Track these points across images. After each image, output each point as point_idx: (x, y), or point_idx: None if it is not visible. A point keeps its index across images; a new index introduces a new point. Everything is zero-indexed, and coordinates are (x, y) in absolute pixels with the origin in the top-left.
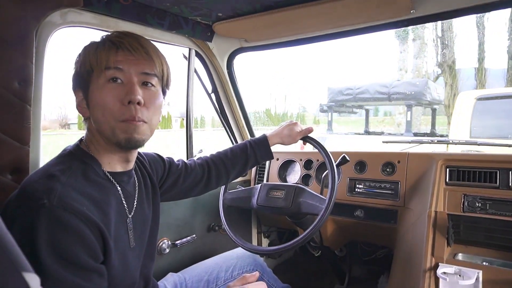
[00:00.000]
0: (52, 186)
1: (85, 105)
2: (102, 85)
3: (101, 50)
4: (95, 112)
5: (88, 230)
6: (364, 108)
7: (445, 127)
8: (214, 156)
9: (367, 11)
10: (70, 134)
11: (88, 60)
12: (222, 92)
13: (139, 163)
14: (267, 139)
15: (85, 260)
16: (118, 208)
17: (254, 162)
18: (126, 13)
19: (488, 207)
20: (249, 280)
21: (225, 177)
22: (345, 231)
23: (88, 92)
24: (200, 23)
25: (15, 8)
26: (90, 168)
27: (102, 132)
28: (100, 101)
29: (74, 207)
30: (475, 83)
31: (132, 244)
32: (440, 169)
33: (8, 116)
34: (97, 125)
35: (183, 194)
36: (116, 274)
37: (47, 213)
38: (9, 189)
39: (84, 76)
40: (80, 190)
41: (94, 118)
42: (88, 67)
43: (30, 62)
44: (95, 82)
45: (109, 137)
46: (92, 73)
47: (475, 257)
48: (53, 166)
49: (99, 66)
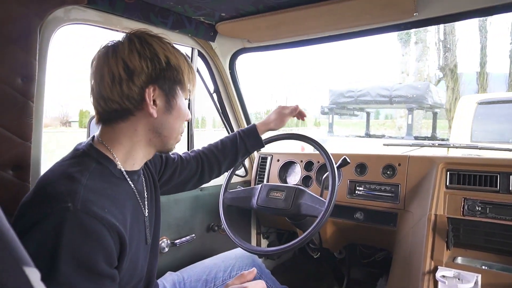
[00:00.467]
0: (74, 188)
1: (156, 105)
2: (185, 101)
3: (193, 73)
4: (172, 119)
5: (109, 235)
6: (365, 111)
7: (446, 131)
8: (205, 148)
9: (370, 13)
10: (71, 131)
11: (186, 74)
12: (224, 92)
13: None
14: (256, 128)
15: (101, 266)
16: (134, 207)
17: (245, 152)
18: (130, 11)
19: (488, 211)
20: (247, 277)
21: (217, 169)
22: (344, 233)
23: (173, 99)
24: (203, 22)
25: (19, 5)
26: (105, 169)
27: (169, 138)
28: (183, 114)
29: (97, 212)
30: (477, 87)
31: (149, 241)
32: (440, 172)
33: (10, 112)
34: (167, 131)
35: (178, 188)
36: (126, 273)
37: (71, 217)
38: (10, 185)
39: (171, 81)
40: (100, 192)
41: (172, 126)
42: (184, 80)
43: (33, 59)
44: (180, 94)
45: (168, 144)
46: (182, 87)
47: (475, 261)
48: (69, 167)
49: (190, 84)
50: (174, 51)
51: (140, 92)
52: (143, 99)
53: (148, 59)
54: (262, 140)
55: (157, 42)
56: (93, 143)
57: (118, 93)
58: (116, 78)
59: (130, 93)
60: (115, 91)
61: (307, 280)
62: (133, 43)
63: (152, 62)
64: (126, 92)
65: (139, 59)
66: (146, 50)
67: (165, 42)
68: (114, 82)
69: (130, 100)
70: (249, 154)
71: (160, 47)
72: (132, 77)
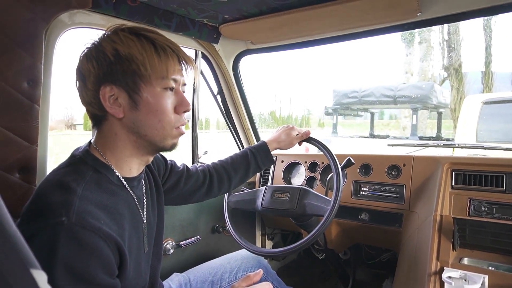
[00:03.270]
0: (69, 200)
1: (118, 105)
2: (160, 92)
3: (164, 57)
4: (146, 116)
5: (107, 246)
6: (369, 111)
7: (451, 131)
8: (214, 163)
9: (374, 13)
10: (76, 134)
11: (146, 62)
12: (228, 94)
13: None
14: (266, 145)
15: (100, 277)
16: (132, 215)
17: (256, 168)
18: (134, 14)
19: (495, 211)
20: (254, 279)
21: (227, 182)
22: (349, 234)
23: (138, 93)
24: (207, 25)
25: (25, 10)
26: (102, 176)
27: (150, 137)
28: (159, 107)
29: (92, 224)
30: (482, 86)
31: (146, 248)
32: (446, 172)
33: (17, 116)
34: (144, 130)
35: (184, 199)
36: (130, 282)
37: (65, 231)
38: (17, 187)
39: (136, 76)
40: (96, 202)
41: (145, 123)
42: (147, 70)
43: (39, 62)
44: (149, 87)
45: (156, 142)
46: (149, 77)
47: (481, 262)
48: (65, 175)
49: (160, 73)
50: (128, 40)
51: (95, 95)
52: (101, 101)
53: (94, 59)
54: (273, 157)
55: (109, 37)
56: (89, 149)
57: (84, 100)
58: (78, 86)
59: (88, 99)
60: (82, 98)
61: (312, 281)
62: (87, 48)
63: (97, 61)
64: (87, 99)
65: (86, 62)
66: (93, 50)
67: (122, 34)
68: (78, 90)
69: (93, 105)
70: (260, 171)
71: (110, 40)
72: (85, 82)
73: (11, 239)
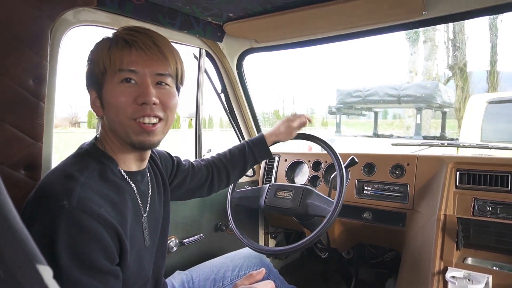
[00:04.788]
0: (71, 187)
1: (98, 104)
2: (116, 86)
3: (114, 50)
4: (108, 112)
5: (106, 232)
6: (373, 111)
7: (455, 131)
8: (214, 158)
9: (378, 12)
10: (80, 132)
11: (101, 60)
12: (232, 92)
13: (151, 160)
14: (264, 138)
15: (101, 263)
16: (134, 208)
17: (253, 162)
18: (138, 12)
19: (499, 211)
20: (256, 277)
21: (226, 178)
22: (352, 233)
23: (101, 91)
24: (211, 23)
25: (31, 8)
26: (107, 168)
27: (116, 131)
28: (114, 101)
29: (93, 209)
30: (487, 86)
31: (147, 243)
32: (450, 172)
33: (22, 113)
34: (110, 125)
35: (189, 195)
36: (131, 274)
37: (66, 215)
38: (23, 184)
39: (97, 76)
40: (98, 191)
41: (108, 118)
42: (102, 68)
43: (44, 60)
44: (108, 82)
45: (123, 137)
46: (105, 73)
47: (485, 262)
48: (70, 166)
49: (113, 67)
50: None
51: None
52: None
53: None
54: (270, 151)
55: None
56: (96, 142)
57: None
58: None
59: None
60: None
61: (315, 280)
62: None
63: (86, 67)
64: None
65: None
66: None
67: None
68: None
69: None
70: (258, 164)
71: (97, 45)
72: None
73: (17, 234)
